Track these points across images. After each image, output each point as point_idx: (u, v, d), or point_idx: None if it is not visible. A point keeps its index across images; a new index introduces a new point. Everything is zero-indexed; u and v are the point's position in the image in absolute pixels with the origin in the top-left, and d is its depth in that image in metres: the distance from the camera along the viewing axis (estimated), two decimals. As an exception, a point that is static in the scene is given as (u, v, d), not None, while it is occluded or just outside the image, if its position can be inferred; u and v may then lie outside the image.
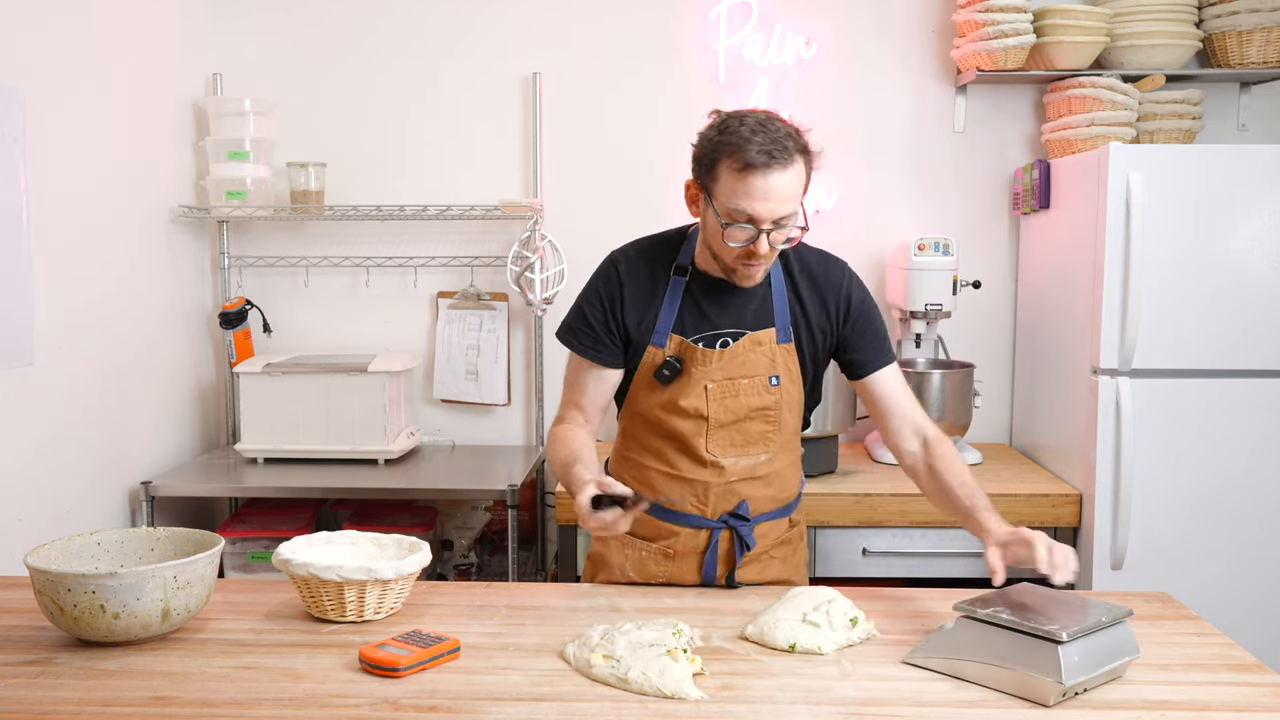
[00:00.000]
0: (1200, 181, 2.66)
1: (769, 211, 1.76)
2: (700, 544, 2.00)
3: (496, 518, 3.39)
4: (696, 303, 1.94)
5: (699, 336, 1.93)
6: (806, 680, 1.55)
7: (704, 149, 1.81)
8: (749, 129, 1.75)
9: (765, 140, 1.73)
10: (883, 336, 2.01)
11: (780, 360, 1.95)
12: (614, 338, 1.96)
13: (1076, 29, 3.03)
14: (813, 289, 1.97)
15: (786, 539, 2.08)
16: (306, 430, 3.08)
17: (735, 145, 1.74)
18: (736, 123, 1.77)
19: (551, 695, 1.50)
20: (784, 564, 2.08)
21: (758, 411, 1.95)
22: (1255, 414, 2.71)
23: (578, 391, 2.01)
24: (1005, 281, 3.38)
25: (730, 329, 1.94)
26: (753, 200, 1.75)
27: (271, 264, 3.41)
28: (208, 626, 1.75)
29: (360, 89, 3.37)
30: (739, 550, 2.00)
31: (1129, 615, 1.59)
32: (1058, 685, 1.46)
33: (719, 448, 1.96)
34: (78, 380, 2.67)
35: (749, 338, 1.93)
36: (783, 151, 1.74)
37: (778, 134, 1.75)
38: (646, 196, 3.36)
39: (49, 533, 2.42)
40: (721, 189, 1.78)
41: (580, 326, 1.98)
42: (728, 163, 1.76)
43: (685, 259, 1.96)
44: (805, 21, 3.30)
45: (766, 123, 1.76)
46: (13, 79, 2.40)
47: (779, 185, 1.74)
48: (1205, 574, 2.71)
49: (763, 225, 1.77)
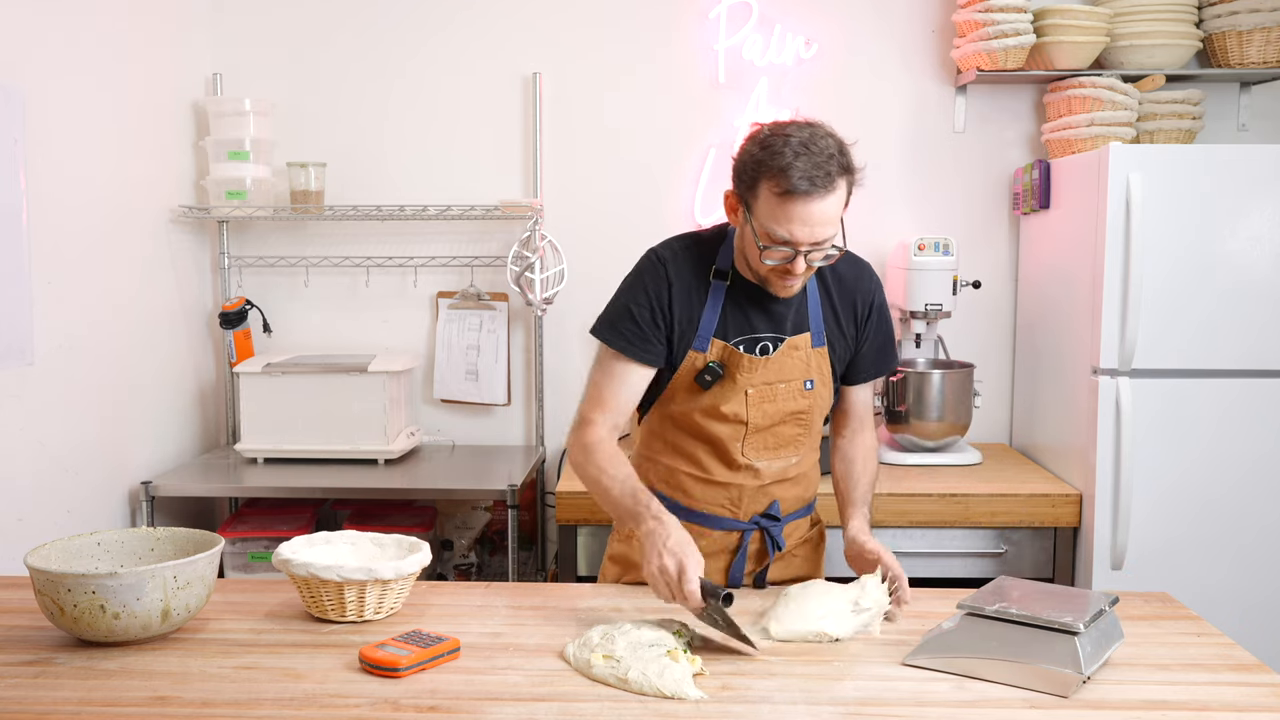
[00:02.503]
0: (1200, 181, 2.66)
1: (809, 236, 1.74)
2: (731, 545, 2.00)
3: (496, 518, 3.39)
4: (738, 306, 1.91)
5: (740, 340, 1.91)
6: (806, 680, 1.55)
7: (745, 165, 1.77)
8: (792, 150, 1.70)
9: (808, 165, 1.69)
10: (890, 351, 2.03)
11: (815, 364, 1.94)
12: (660, 335, 1.90)
13: (1076, 29, 3.03)
14: (843, 291, 1.97)
15: (809, 537, 2.10)
16: (306, 430, 3.08)
17: (778, 168, 1.70)
18: (780, 142, 1.72)
19: (551, 695, 1.50)
20: (805, 562, 2.09)
21: (792, 415, 1.94)
22: (1256, 414, 2.71)
23: (610, 391, 1.92)
24: (1005, 281, 3.38)
25: (770, 333, 1.92)
26: (792, 225, 1.72)
27: (271, 264, 3.41)
28: (208, 626, 1.75)
29: (360, 89, 3.37)
30: (770, 550, 2.00)
31: (1116, 602, 1.64)
32: (1077, 676, 1.47)
33: (754, 451, 1.95)
34: (78, 380, 2.67)
35: (788, 343, 1.92)
36: (825, 177, 1.70)
37: (820, 156, 1.70)
38: (646, 196, 3.36)
39: (49, 533, 2.42)
40: (761, 209, 1.75)
41: (625, 323, 1.90)
42: (769, 185, 1.72)
43: (725, 263, 1.92)
44: (805, 21, 3.30)
45: (810, 143, 1.71)
46: (13, 79, 2.40)
47: (820, 211, 1.72)
48: (1205, 574, 2.71)
49: (801, 248, 1.75)
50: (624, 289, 1.95)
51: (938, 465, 2.98)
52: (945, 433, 3.03)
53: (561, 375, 3.44)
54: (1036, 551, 2.77)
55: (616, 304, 1.94)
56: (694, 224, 3.34)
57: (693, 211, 3.34)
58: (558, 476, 3.15)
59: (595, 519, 2.73)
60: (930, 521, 2.72)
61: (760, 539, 2.00)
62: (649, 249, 1.97)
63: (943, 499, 2.73)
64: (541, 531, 3.43)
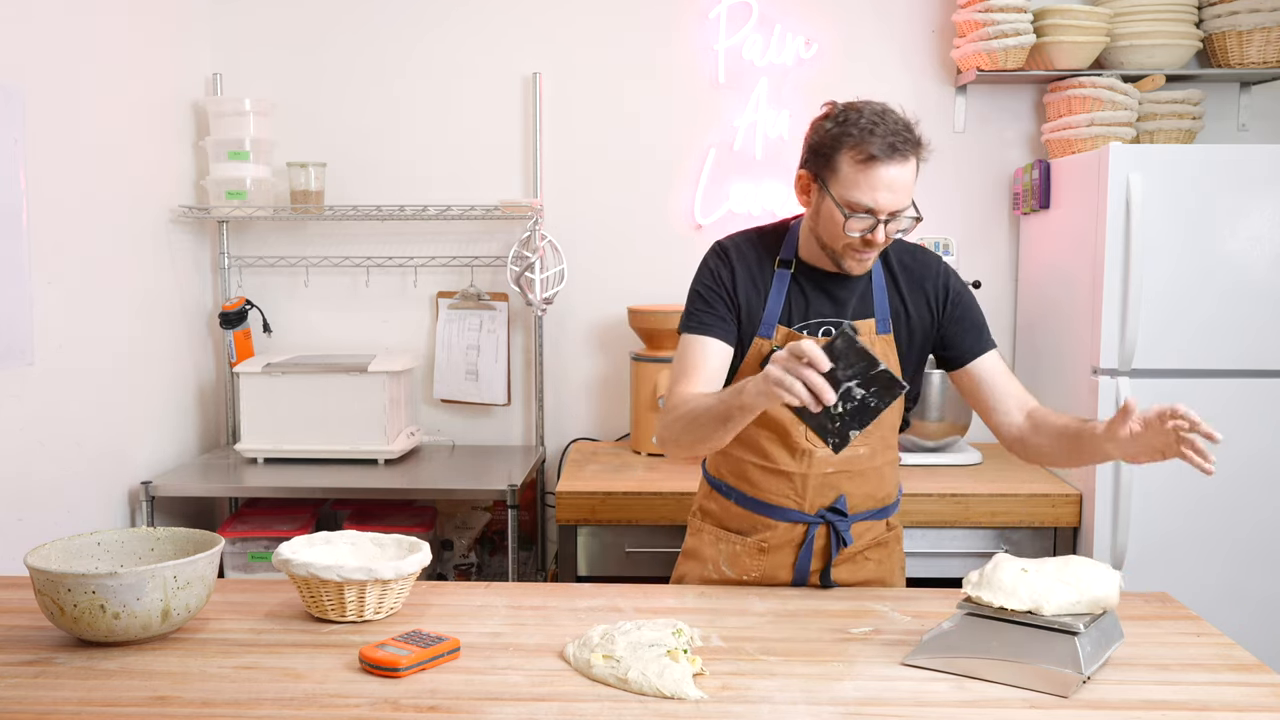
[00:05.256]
0: (1200, 181, 2.66)
1: (890, 202, 1.79)
2: (796, 538, 1.99)
3: (496, 518, 3.39)
4: (802, 293, 1.96)
5: (803, 324, 1.95)
6: (806, 680, 1.55)
7: (822, 140, 1.84)
8: (868, 120, 1.79)
9: (886, 131, 1.78)
10: (982, 324, 2.03)
11: (878, 350, 1.94)
12: (731, 315, 1.95)
13: (1076, 29, 3.03)
14: (911, 280, 2.00)
15: (883, 540, 2.07)
16: (306, 430, 3.08)
17: (857, 137, 1.78)
18: (855, 114, 1.81)
19: (551, 695, 1.50)
20: (879, 565, 2.06)
21: None
22: (1255, 414, 2.71)
23: (693, 364, 1.92)
24: (1005, 281, 3.38)
25: (834, 318, 1.95)
26: (875, 191, 1.78)
27: (271, 264, 3.41)
28: (208, 626, 1.75)
29: (361, 89, 3.37)
30: (835, 546, 1.99)
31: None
32: (1077, 676, 1.47)
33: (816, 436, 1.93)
34: (78, 380, 2.67)
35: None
36: (904, 144, 1.79)
37: (897, 125, 1.79)
38: (647, 196, 3.37)
39: (49, 533, 2.42)
40: (842, 179, 1.81)
41: (699, 309, 1.96)
42: (850, 154, 1.79)
43: (789, 253, 1.98)
44: (805, 21, 3.30)
45: (884, 113, 1.81)
46: (13, 79, 2.40)
47: (900, 176, 1.79)
48: (1205, 574, 2.71)
49: (881, 215, 1.80)
50: (694, 283, 2.00)
51: (938, 465, 2.98)
52: (945, 433, 3.03)
53: (561, 375, 3.44)
54: (1036, 551, 2.77)
55: (691, 297, 1.99)
56: (694, 224, 3.35)
57: (693, 211, 3.34)
58: (558, 476, 3.15)
59: (595, 519, 2.73)
60: (930, 521, 2.72)
61: (826, 534, 1.99)
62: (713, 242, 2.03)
63: (943, 499, 2.73)
64: (541, 531, 3.43)
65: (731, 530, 2.04)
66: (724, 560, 2.03)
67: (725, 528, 2.05)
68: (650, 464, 3.05)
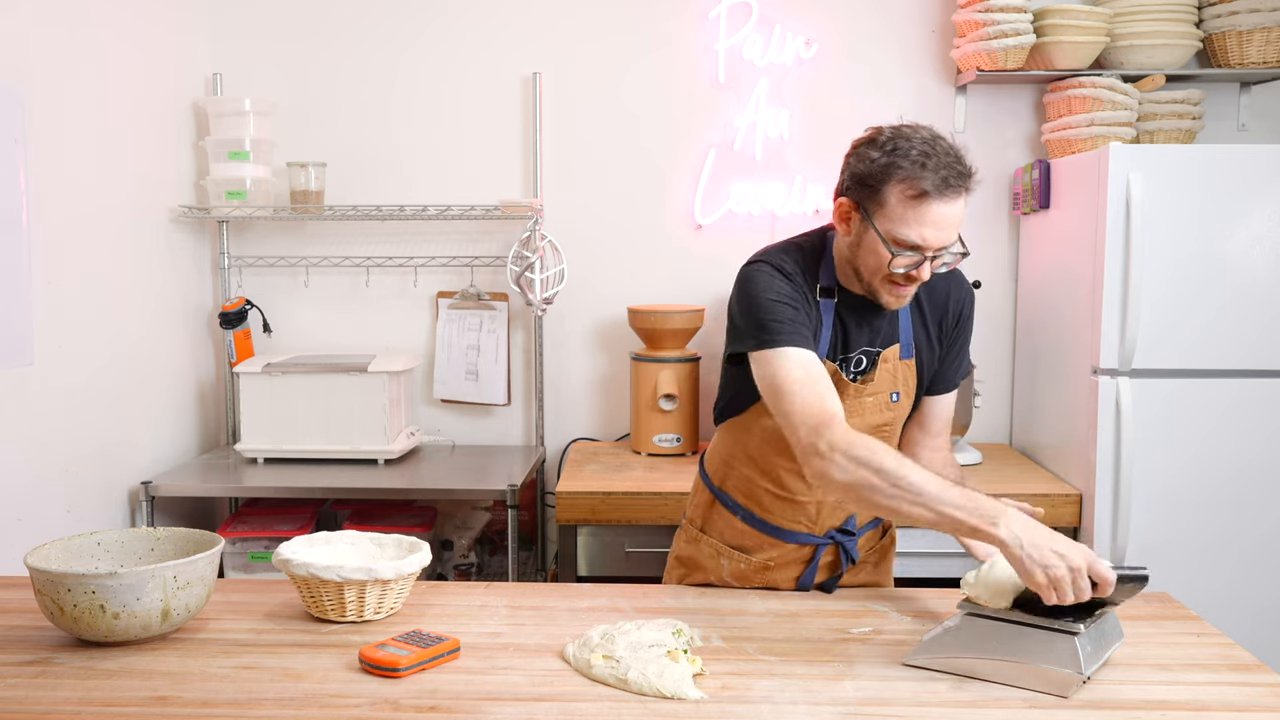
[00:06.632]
0: (1200, 181, 2.66)
1: (939, 239, 1.70)
2: (804, 556, 1.98)
3: (496, 518, 3.39)
4: (843, 324, 1.86)
5: (844, 357, 1.86)
6: (806, 680, 1.55)
7: (868, 169, 1.71)
8: (920, 152, 1.67)
9: (939, 164, 1.67)
10: (966, 358, 2.00)
11: (901, 376, 1.90)
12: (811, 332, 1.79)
13: (1076, 29, 3.03)
14: (934, 301, 1.92)
15: (879, 546, 2.08)
16: (306, 430, 3.08)
17: (908, 170, 1.67)
18: (905, 144, 1.69)
19: (551, 695, 1.50)
20: (875, 569, 2.08)
21: (876, 429, 1.88)
22: (1255, 414, 2.71)
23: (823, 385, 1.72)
24: (1005, 281, 3.38)
25: (866, 347, 1.88)
26: (924, 228, 1.69)
27: (271, 264, 3.41)
28: (208, 626, 1.75)
29: (360, 89, 3.37)
30: (844, 562, 1.98)
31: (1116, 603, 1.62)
32: (1077, 676, 1.47)
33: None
34: (78, 380, 2.67)
35: (880, 356, 1.88)
36: (957, 178, 1.68)
37: (949, 157, 1.69)
38: (647, 196, 3.37)
39: (49, 533, 2.41)
40: (890, 214, 1.70)
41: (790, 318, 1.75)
42: (900, 188, 1.68)
43: (829, 279, 1.85)
44: (805, 21, 3.30)
45: (934, 142, 1.69)
46: (13, 79, 2.40)
47: (952, 214, 1.69)
48: (1205, 573, 2.71)
49: (928, 253, 1.71)
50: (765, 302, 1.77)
51: (938, 465, 2.98)
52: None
53: (561, 375, 3.44)
54: (1036, 551, 2.77)
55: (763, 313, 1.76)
56: (694, 224, 3.35)
57: (693, 211, 3.34)
58: (558, 476, 3.15)
59: (595, 519, 2.73)
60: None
61: (834, 551, 1.98)
62: (753, 263, 1.84)
63: (943, 499, 2.72)
64: (541, 531, 3.43)
65: (735, 548, 2.00)
66: (727, 572, 2.01)
67: (730, 545, 2.00)
68: (650, 464, 3.05)
